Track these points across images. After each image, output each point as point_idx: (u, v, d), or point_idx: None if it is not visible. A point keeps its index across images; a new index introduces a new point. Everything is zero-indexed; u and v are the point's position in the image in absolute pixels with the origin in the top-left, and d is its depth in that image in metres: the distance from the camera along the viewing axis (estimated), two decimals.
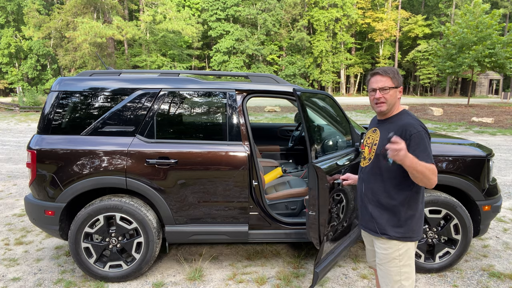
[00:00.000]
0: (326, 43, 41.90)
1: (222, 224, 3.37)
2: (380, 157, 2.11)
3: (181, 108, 3.48)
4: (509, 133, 13.67)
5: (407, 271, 2.12)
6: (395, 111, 2.17)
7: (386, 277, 2.15)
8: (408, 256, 2.12)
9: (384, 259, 2.14)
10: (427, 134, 2.03)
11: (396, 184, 2.09)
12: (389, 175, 2.10)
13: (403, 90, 37.92)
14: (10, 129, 16.32)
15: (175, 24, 32.12)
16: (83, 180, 3.19)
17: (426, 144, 1.99)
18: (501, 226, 4.70)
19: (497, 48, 21.01)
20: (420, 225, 2.15)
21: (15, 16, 43.69)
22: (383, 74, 2.11)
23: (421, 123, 2.06)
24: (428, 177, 1.93)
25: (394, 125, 2.10)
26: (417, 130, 2.00)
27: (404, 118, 2.10)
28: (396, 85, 2.11)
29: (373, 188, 2.18)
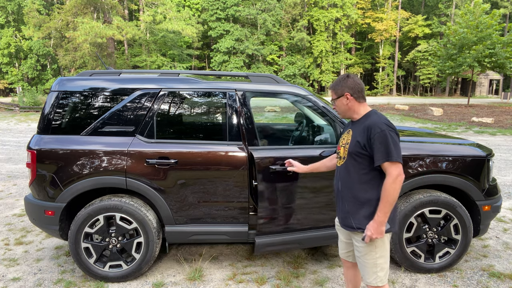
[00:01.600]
0: (326, 43, 41.91)
1: (222, 224, 3.37)
2: (353, 155, 2.25)
3: (181, 108, 3.48)
4: (509, 133, 13.67)
5: (381, 263, 2.26)
6: (362, 113, 2.31)
7: (363, 269, 2.30)
8: (383, 248, 2.25)
9: (362, 252, 2.27)
10: (393, 132, 2.15)
11: (369, 180, 2.22)
12: (362, 171, 2.23)
13: (404, 90, 37.59)
14: (10, 129, 16.32)
15: (175, 24, 32.11)
16: (83, 180, 3.19)
17: (388, 142, 2.12)
18: (501, 226, 4.70)
19: (497, 48, 21.01)
20: (393, 217, 2.26)
21: (15, 16, 43.70)
22: (330, 89, 2.38)
23: (387, 121, 2.18)
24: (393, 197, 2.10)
25: (362, 125, 2.24)
26: (380, 129, 2.13)
27: (370, 119, 2.23)
28: (338, 95, 2.30)
29: (348, 185, 2.30)
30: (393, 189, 2.09)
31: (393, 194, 2.10)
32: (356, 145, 2.22)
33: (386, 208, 2.11)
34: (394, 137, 2.14)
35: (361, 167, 2.23)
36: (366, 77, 51.14)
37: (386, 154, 2.11)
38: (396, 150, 2.12)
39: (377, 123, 2.16)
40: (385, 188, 2.11)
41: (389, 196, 2.10)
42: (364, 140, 2.19)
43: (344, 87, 2.29)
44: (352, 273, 2.61)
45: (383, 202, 2.11)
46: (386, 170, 2.13)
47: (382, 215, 2.12)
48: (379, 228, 2.13)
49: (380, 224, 2.13)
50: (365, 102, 2.34)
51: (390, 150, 2.10)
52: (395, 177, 2.10)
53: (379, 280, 2.27)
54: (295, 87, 3.48)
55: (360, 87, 2.30)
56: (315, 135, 3.93)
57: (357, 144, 2.22)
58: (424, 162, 3.34)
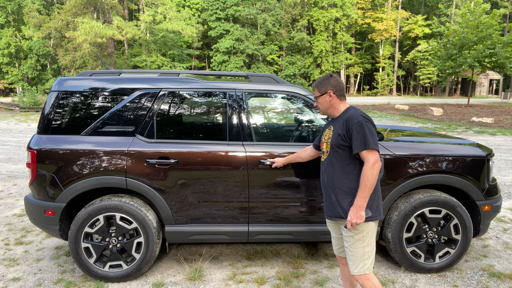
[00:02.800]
0: (326, 43, 41.90)
1: (222, 224, 3.37)
2: (335, 147, 2.40)
3: (181, 108, 3.49)
4: (509, 133, 13.67)
5: (369, 251, 2.38)
6: (341, 110, 2.48)
7: (352, 258, 2.41)
8: (370, 236, 2.37)
9: (350, 242, 2.38)
10: (369, 122, 2.32)
11: (351, 170, 2.37)
12: (345, 162, 2.39)
13: (404, 90, 37.60)
14: (10, 129, 16.32)
15: (175, 24, 32.11)
16: (83, 180, 3.19)
17: (365, 131, 2.27)
18: (501, 226, 4.70)
19: (498, 48, 21.01)
20: (378, 205, 2.39)
21: (15, 16, 43.69)
22: (313, 87, 2.55)
23: (363, 113, 2.36)
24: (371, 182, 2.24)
25: (342, 119, 2.41)
26: (357, 120, 2.30)
27: (348, 113, 2.41)
28: (322, 93, 2.47)
29: (333, 177, 2.43)
30: (371, 174, 2.23)
31: (371, 179, 2.23)
32: (338, 137, 2.38)
33: (364, 193, 2.25)
34: (370, 127, 2.30)
35: (343, 158, 2.39)
36: (366, 77, 51.15)
37: (363, 142, 2.26)
38: (373, 138, 2.28)
39: (354, 115, 2.34)
40: (364, 174, 2.25)
41: (367, 182, 2.23)
42: (344, 131, 2.35)
43: (328, 85, 2.46)
44: (348, 270, 2.63)
45: (362, 187, 2.25)
46: (364, 157, 2.28)
47: (361, 199, 2.25)
48: (359, 213, 2.26)
49: (359, 208, 2.25)
50: (345, 100, 2.52)
51: (366, 138, 2.26)
52: (372, 163, 2.24)
53: (367, 268, 2.38)
54: (295, 87, 3.48)
55: (342, 86, 2.49)
56: (315, 134, 3.93)
57: (338, 136, 2.38)
58: (424, 162, 3.34)
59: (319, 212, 3.38)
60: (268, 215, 3.36)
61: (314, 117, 3.83)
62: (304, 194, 3.34)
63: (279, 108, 5.98)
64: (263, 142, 3.40)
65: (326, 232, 3.40)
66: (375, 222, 2.39)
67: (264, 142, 3.48)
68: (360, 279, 2.41)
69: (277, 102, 5.41)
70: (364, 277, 2.40)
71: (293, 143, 3.58)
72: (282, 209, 3.35)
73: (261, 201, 3.32)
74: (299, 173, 3.30)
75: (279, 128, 4.99)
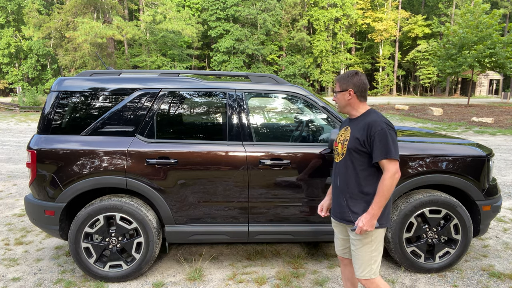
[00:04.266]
0: (326, 43, 41.89)
1: (222, 224, 3.37)
2: (352, 151, 2.31)
3: (181, 108, 3.49)
4: (509, 133, 13.67)
5: (375, 255, 2.34)
6: (360, 111, 2.38)
7: (358, 262, 2.37)
8: (378, 241, 2.33)
9: (358, 245, 2.33)
10: (392, 130, 2.24)
11: (366, 176, 2.29)
12: (360, 167, 2.30)
13: (404, 90, 37.62)
14: (10, 129, 16.32)
15: (175, 24, 32.10)
16: (83, 180, 3.19)
17: (387, 140, 2.20)
18: (501, 226, 4.70)
19: (498, 48, 21.01)
20: (388, 213, 2.35)
21: (15, 16, 43.68)
22: (335, 81, 2.45)
23: (386, 120, 2.26)
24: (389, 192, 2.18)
25: (362, 123, 2.30)
26: (380, 127, 2.21)
27: (370, 117, 2.30)
28: (342, 89, 2.37)
29: (347, 181, 2.35)
30: (390, 184, 2.18)
31: (389, 189, 2.18)
32: (355, 142, 2.28)
33: (381, 202, 2.19)
34: (393, 135, 2.23)
35: (359, 163, 2.30)
36: (366, 77, 51.04)
37: (385, 151, 2.19)
38: (395, 148, 2.20)
39: (378, 121, 2.23)
40: (383, 183, 2.18)
41: (385, 191, 2.18)
42: (363, 137, 2.25)
43: (350, 83, 2.36)
44: (349, 270, 2.63)
45: (379, 196, 2.18)
46: (384, 166, 2.21)
47: (377, 208, 2.20)
48: (371, 221, 2.20)
49: (373, 216, 2.20)
50: (365, 102, 2.40)
51: (389, 147, 2.19)
52: (392, 174, 2.18)
53: (372, 272, 2.34)
54: (295, 87, 3.48)
55: (365, 87, 2.37)
56: (315, 134, 3.94)
57: (356, 141, 2.28)
58: (424, 162, 3.34)
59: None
60: (268, 215, 3.36)
61: (314, 117, 3.83)
62: (304, 194, 3.34)
63: (279, 108, 5.98)
64: (263, 142, 3.40)
65: (326, 232, 3.41)
66: (384, 229, 2.36)
67: (264, 142, 3.48)
68: (366, 284, 2.38)
69: (277, 102, 5.40)
70: (369, 281, 2.37)
71: (293, 143, 3.58)
72: (282, 209, 3.35)
73: (261, 201, 3.32)
74: (299, 173, 3.30)
75: (279, 128, 4.99)
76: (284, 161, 3.27)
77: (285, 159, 3.28)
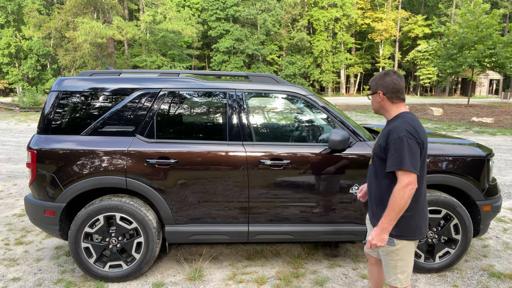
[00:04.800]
0: (326, 43, 41.90)
1: (222, 224, 3.37)
2: (375, 157, 2.24)
3: (181, 108, 3.49)
4: (509, 133, 13.67)
5: (402, 265, 2.21)
6: (393, 114, 2.24)
7: (385, 267, 2.29)
8: (405, 252, 2.19)
9: (383, 252, 2.25)
10: (412, 139, 2.04)
11: (388, 184, 2.15)
12: (382, 175, 2.18)
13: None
14: (10, 129, 16.32)
15: (175, 24, 32.10)
16: (83, 180, 3.19)
17: (403, 149, 2.02)
18: (501, 226, 4.70)
19: (498, 48, 21.02)
20: (417, 226, 2.17)
21: (15, 16, 43.69)
22: (369, 83, 2.34)
23: (410, 126, 2.07)
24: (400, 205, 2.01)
25: (386, 128, 2.19)
26: (398, 136, 2.05)
27: (395, 122, 2.16)
28: (373, 91, 2.26)
29: (372, 186, 2.28)
30: (400, 197, 2.00)
31: (399, 202, 2.01)
32: (378, 148, 2.19)
33: (390, 216, 2.03)
34: (413, 145, 2.03)
35: (381, 170, 2.18)
36: (366, 77, 51.12)
37: (398, 161, 2.02)
38: (411, 158, 2.01)
39: (398, 128, 2.07)
40: (393, 195, 2.03)
41: (395, 204, 2.01)
42: (384, 144, 2.14)
43: (379, 85, 2.23)
44: (376, 270, 2.56)
45: (389, 209, 2.04)
46: (398, 177, 2.05)
47: (386, 222, 2.05)
48: (381, 235, 2.07)
49: (382, 230, 2.06)
50: (400, 103, 2.23)
51: (403, 158, 2.01)
52: (404, 185, 2.00)
53: (398, 282, 2.24)
54: (295, 87, 3.48)
55: (396, 87, 2.19)
56: (315, 134, 3.94)
57: (379, 147, 2.19)
58: None
59: (319, 212, 3.38)
60: (268, 215, 3.36)
61: (314, 117, 3.83)
62: (304, 194, 3.33)
63: (279, 108, 5.98)
64: (263, 142, 3.40)
65: (326, 232, 3.41)
66: (414, 242, 2.21)
67: (264, 142, 3.48)
68: None
69: (277, 102, 5.40)
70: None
71: (293, 143, 3.58)
72: (282, 209, 3.35)
73: (261, 201, 3.32)
74: (299, 173, 3.30)
75: (279, 128, 4.99)
76: (284, 161, 3.27)
77: (285, 159, 3.28)
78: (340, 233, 3.43)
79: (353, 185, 3.32)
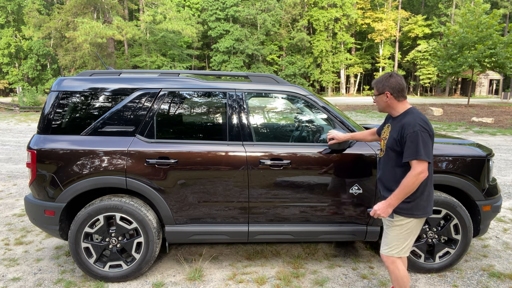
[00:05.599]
0: (326, 43, 41.91)
1: (222, 224, 3.37)
2: (389, 149, 2.52)
3: (181, 108, 3.49)
4: (509, 133, 13.67)
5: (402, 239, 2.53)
6: (400, 111, 2.51)
7: (384, 239, 2.61)
8: (408, 228, 2.51)
9: (389, 225, 2.57)
10: (425, 132, 2.33)
11: (403, 171, 2.42)
12: (396, 165, 2.48)
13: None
14: (10, 129, 16.32)
15: (175, 24, 32.10)
16: (83, 180, 3.19)
17: (418, 141, 2.31)
18: (501, 226, 4.70)
19: (498, 48, 21.02)
20: (425, 206, 2.47)
21: (15, 16, 43.70)
22: (373, 85, 2.61)
23: (421, 122, 2.35)
24: (410, 188, 2.36)
25: (399, 124, 2.45)
26: (413, 130, 2.33)
27: (406, 118, 2.42)
28: (379, 92, 2.54)
29: (386, 175, 2.57)
30: (412, 182, 2.33)
31: (411, 186, 2.34)
32: (393, 142, 2.47)
33: (400, 195, 2.37)
34: (425, 137, 2.33)
35: (396, 161, 2.47)
36: (366, 77, 51.14)
37: (415, 152, 2.31)
38: (425, 149, 2.31)
39: (411, 123, 2.35)
40: (406, 179, 2.34)
41: (407, 187, 2.34)
42: (398, 137, 2.42)
43: (386, 86, 2.49)
44: None
45: (400, 189, 2.36)
46: (412, 165, 2.35)
47: (395, 200, 2.39)
48: (387, 209, 2.42)
49: (389, 206, 2.42)
50: (404, 100, 2.53)
51: (419, 149, 2.30)
52: (418, 172, 2.31)
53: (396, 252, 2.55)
54: (295, 87, 3.48)
55: (401, 87, 2.48)
56: (315, 134, 3.94)
57: (393, 141, 2.46)
58: None
59: (319, 212, 3.38)
60: (268, 215, 3.36)
61: (314, 117, 3.83)
62: (304, 194, 3.33)
63: (279, 108, 5.98)
64: (263, 142, 3.40)
65: (326, 232, 3.41)
66: (419, 219, 2.50)
67: (264, 142, 3.48)
68: (387, 261, 2.58)
69: (277, 102, 5.40)
70: (390, 259, 2.57)
71: (293, 143, 3.59)
72: (282, 209, 3.35)
73: (261, 201, 3.32)
74: (299, 173, 3.30)
75: (279, 128, 4.99)
76: (284, 161, 3.27)
77: (285, 159, 3.28)
78: (340, 233, 3.43)
79: (353, 185, 3.32)
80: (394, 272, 2.58)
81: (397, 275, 2.57)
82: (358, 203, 3.36)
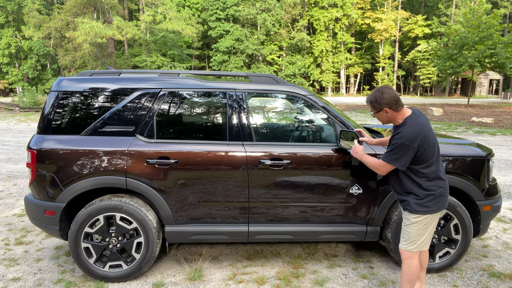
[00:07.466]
0: (326, 43, 41.89)
1: (222, 224, 3.37)
2: None
3: (181, 108, 3.48)
4: (509, 133, 13.67)
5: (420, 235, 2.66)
6: (400, 120, 2.65)
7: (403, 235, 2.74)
8: (425, 224, 2.64)
9: (407, 222, 2.70)
10: (406, 145, 2.50)
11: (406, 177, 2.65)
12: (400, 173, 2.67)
13: (404, 90, 37.85)
14: (10, 129, 16.32)
15: (175, 24, 32.09)
16: (83, 180, 3.19)
17: (396, 151, 2.54)
18: (501, 226, 4.70)
19: (498, 48, 21.02)
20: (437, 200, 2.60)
21: (15, 16, 43.70)
22: (368, 104, 2.71)
23: (409, 136, 2.49)
24: (372, 167, 2.77)
25: (395, 132, 2.63)
26: (399, 142, 2.52)
27: (401, 128, 2.58)
28: (377, 110, 2.65)
29: (393, 182, 2.79)
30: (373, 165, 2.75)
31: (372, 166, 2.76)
32: None
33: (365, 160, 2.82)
34: (402, 148, 2.51)
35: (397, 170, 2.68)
36: (366, 77, 51.14)
37: (385, 155, 2.65)
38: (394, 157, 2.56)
39: (401, 135, 2.52)
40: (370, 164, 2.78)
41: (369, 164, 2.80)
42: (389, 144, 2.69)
43: (382, 103, 2.59)
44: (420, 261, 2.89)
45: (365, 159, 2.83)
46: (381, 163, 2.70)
47: (365, 159, 2.83)
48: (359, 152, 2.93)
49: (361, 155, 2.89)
50: (402, 108, 2.63)
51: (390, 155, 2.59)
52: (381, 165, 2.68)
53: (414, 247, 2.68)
54: (295, 87, 3.48)
55: (395, 98, 2.59)
56: (315, 134, 3.94)
57: None
58: None
59: (319, 212, 3.38)
60: (268, 215, 3.36)
61: (314, 117, 3.83)
62: (304, 194, 3.33)
63: (279, 108, 5.97)
64: (263, 142, 3.40)
65: (326, 232, 3.41)
66: (433, 214, 2.62)
67: (264, 142, 3.48)
68: (403, 254, 2.71)
69: (277, 102, 5.40)
70: (407, 254, 2.68)
71: (293, 143, 3.58)
72: (282, 209, 3.36)
73: (261, 201, 3.32)
74: (299, 173, 3.30)
75: (279, 128, 4.99)
76: (284, 161, 3.27)
77: (285, 159, 3.28)
78: (340, 233, 3.43)
79: (353, 185, 3.32)
80: (407, 266, 2.69)
81: (409, 269, 2.69)
82: (358, 203, 3.36)
